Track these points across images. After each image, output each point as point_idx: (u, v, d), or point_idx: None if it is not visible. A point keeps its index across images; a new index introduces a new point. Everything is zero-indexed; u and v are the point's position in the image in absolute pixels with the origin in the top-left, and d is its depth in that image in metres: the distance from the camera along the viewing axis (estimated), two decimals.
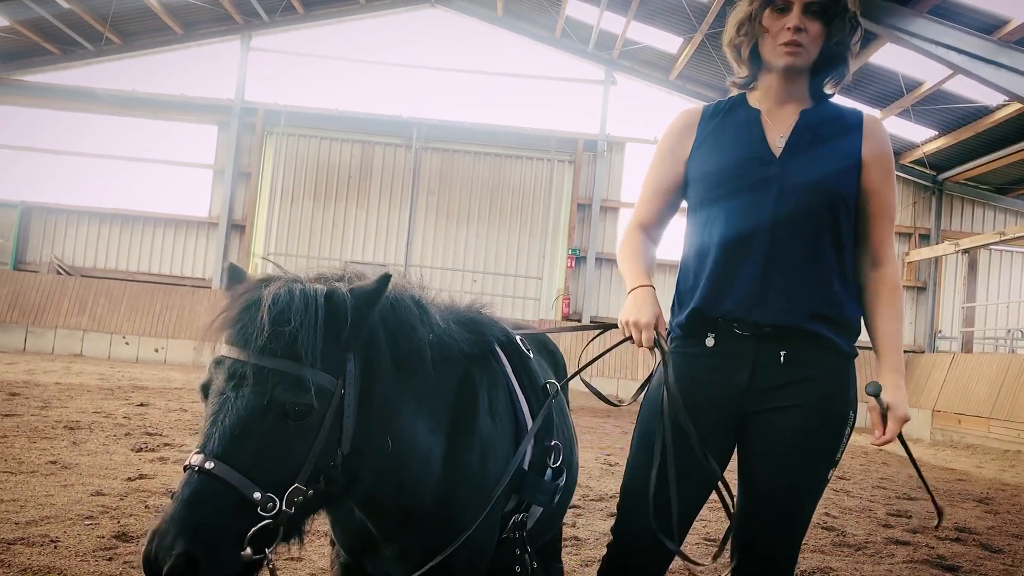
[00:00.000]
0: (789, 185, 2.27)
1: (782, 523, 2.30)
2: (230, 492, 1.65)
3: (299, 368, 1.74)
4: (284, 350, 1.74)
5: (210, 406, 1.74)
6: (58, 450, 6.82)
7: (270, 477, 1.70)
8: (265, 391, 1.71)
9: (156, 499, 5.41)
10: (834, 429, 2.30)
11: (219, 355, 1.80)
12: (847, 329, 2.31)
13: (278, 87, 22.07)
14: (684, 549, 2.28)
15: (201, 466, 1.65)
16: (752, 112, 2.42)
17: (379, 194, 21.85)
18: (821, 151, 2.31)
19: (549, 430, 2.46)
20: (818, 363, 2.28)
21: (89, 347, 19.64)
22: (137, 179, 21.98)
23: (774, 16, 2.31)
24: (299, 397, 1.73)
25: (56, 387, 11.52)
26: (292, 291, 1.81)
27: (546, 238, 21.83)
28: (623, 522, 2.44)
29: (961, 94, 17.24)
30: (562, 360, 3.24)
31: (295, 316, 1.76)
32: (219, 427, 1.69)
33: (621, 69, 22.00)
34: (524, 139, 21.83)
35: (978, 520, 7.28)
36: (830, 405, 2.28)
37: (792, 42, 2.27)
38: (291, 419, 1.73)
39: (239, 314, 1.80)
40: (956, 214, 21.97)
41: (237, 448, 1.67)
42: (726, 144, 2.39)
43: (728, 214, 2.31)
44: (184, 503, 1.62)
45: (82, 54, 21.56)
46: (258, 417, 1.71)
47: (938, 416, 17.55)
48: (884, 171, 2.32)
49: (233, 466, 1.66)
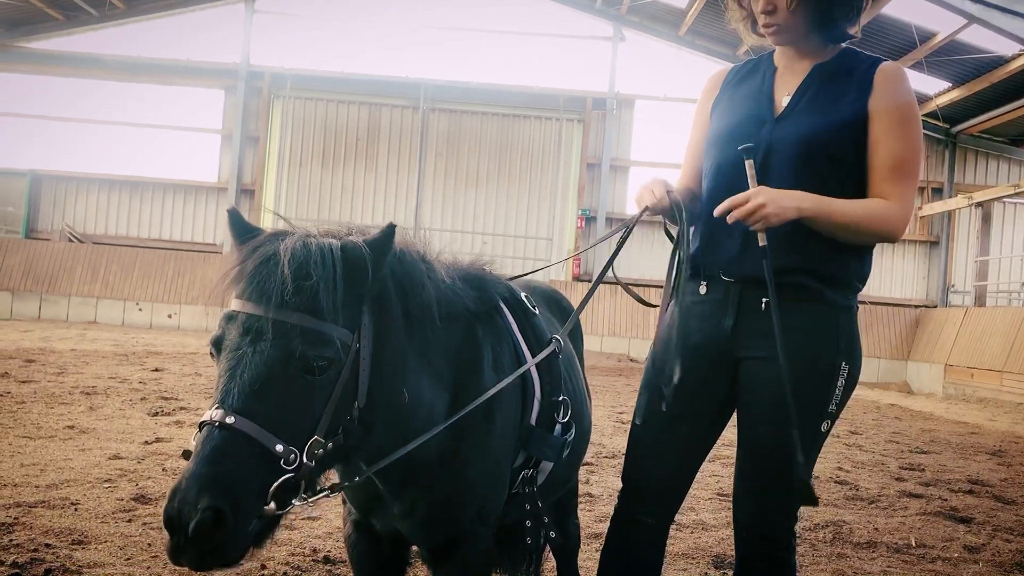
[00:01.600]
0: (776, 141, 2.27)
1: (773, 475, 2.28)
2: (252, 445, 1.63)
3: (319, 323, 1.73)
4: (304, 304, 1.73)
5: (225, 361, 1.72)
6: (75, 415, 6.90)
7: (290, 431, 1.69)
8: (286, 346, 1.69)
9: (173, 462, 5.47)
10: (821, 379, 2.26)
11: (232, 310, 1.77)
12: (836, 280, 2.28)
13: (284, 50, 21.94)
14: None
15: (221, 421, 1.63)
16: (770, 69, 2.44)
17: (387, 157, 21.77)
18: (818, 107, 2.28)
19: (556, 384, 2.45)
20: (801, 312, 2.25)
21: (103, 314, 19.77)
22: (145, 145, 21.97)
23: None
24: (320, 351, 1.72)
25: (72, 353, 11.62)
26: (308, 245, 1.79)
27: (555, 199, 21.74)
28: (630, 471, 2.50)
29: (976, 44, 16.95)
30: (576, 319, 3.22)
31: (315, 270, 1.75)
32: (237, 382, 1.67)
33: (630, 25, 21.71)
34: (532, 98, 21.65)
35: (991, 472, 7.29)
36: (815, 355, 2.25)
37: (767, 24, 2.29)
38: (312, 374, 1.72)
39: (256, 268, 1.77)
40: (970, 167, 21.74)
41: (257, 402, 1.66)
42: (736, 104, 2.43)
43: (718, 170, 2.36)
44: (205, 458, 1.60)
45: (86, 20, 21.42)
46: (278, 372, 1.69)
47: (951, 370, 17.53)
48: (890, 121, 2.23)
49: (254, 420, 1.64)
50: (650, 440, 2.44)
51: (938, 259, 21.59)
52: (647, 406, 2.44)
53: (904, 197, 2.24)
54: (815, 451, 2.34)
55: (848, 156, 2.25)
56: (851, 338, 2.32)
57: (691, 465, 2.46)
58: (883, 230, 2.22)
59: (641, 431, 2.47)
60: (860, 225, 2.19)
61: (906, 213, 2.24)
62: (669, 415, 2.38)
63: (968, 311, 18.26)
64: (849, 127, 2.24)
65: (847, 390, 2.31)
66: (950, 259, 21.48)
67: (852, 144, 2.25)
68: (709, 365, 2.37)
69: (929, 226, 21.69)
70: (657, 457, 2.43)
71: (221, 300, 1.83)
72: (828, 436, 2.36)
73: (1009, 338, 15.88)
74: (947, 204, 20.47)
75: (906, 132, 2.24)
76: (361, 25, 22.16)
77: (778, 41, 2.33)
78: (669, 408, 2.35)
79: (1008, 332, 16.03)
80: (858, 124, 2.25)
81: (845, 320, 2.31)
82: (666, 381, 2.32)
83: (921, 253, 21.80)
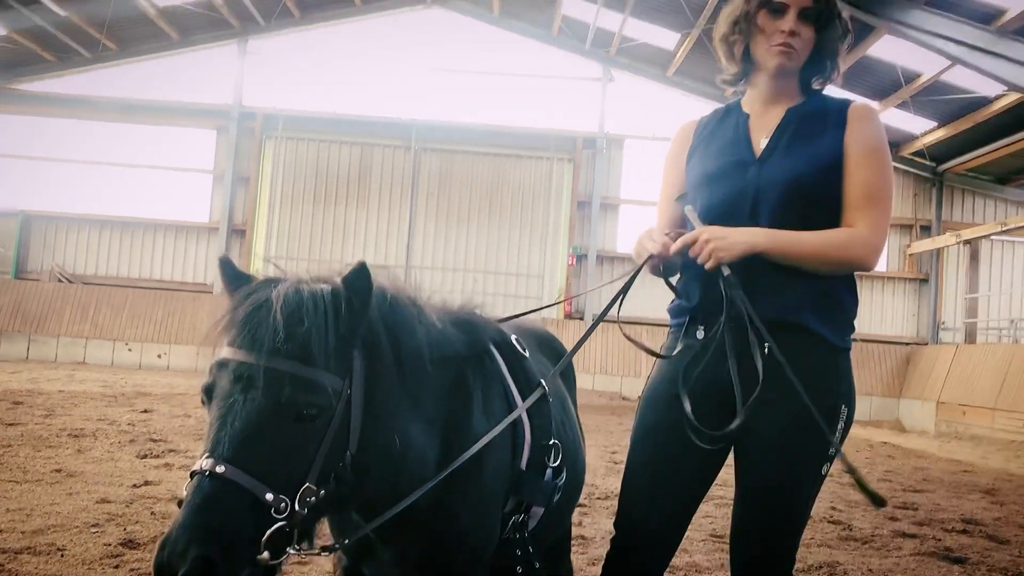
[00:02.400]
0: (764, 184, 2.31)
1: (774, 518, 2.28)
2: (243, 494, 1.63)
3: (312, 370, 1.73)
4: (295, 351, 1.73)
5: (216, 410, 1.72)
6: (63, 458, 6.83)
7: (281, 479, 1.68)
8: (277, 393, 1.69)
9: (162, 505, 5.40)
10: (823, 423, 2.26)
11: (223, 357, 1.77)
12: (835, 321, 2.30)
13: (276, 91, 22.11)
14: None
15: (211, 470, 1.62)
16: (742, 116, 2.48)
17: (379, 196, 21.86)
18: (798, 148, 2.33)
19: (547, 428, 2.43)
20: (803, 355, 2.25)
21: (92, 355, 19.65)
22: (137, 185, 22.02)
23: (769, 17, 2.36)
24: (312, 398, 1.72)
25: (60, 395, 11.53)
26: (300, 291, 1.80)
27: (547, 237, 21.83)
28: (624, 516, 2.46)
29: (959, 85, 17.22)
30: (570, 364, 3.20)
31: (307, 316, 1.75)
32: (228, 430, 1.66)
33: (619, 66, 21.99)
34: (523, 138, 21.84)
35: (984, 511, 7.27)
36: (817, 398, 2.22)
37: (785, 44, 2.33)
38: (303, 421, 1.72)
39: (248, 316, 1.77)
40: (957, 205, 21.95)
41: (248, 451, 1.65)
42: (714, 150, 2.47)
43: (710, 216, 2.37)
44: (196, 508, 1.59)
45: (79, 61, 21.58)
46: (269, 420, 1.69)
47: (943, 408, 17.53)
48: (862, 153, 2.30)
49: (244, 469, 1.63)
50: (644, 485, 2.42)
51: (928, 296, 21.69)
52: (640, 450, 2.43)
53: (872, 223, 2.27)
54: (815, 493, 2.34)
55: (831, 193, 2.30)
56: (849, 381, 2.34)
57: (686, 510, 2.43)
58: (845, 257, 2.25)
59: (634, 476, 2.45)
60: (818, 255, 2.23)
61: (874, 239, 2.26)
62: (664, 459, 2.36)
63: (959, 348, 18.32)
64: (829, 166, 2.30)
65: (845, 433, 2.32)
66: (939, 296, 21.59)
67: (833, 182, 2.30)
68: (709, 413, 2.33)
69: (918, 263, 21.83)
70: (651, 502, 2.40)
71: (213, 347, 1.82)
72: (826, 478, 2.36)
73: (1000, 375, 15.92)
74: (936, 242, 20.62)
75: (876, 162, 2.31)
76: (353, 66, 22.38)
77: (782, 64, 2.36)
78: (666, 451, 2.35)
79: (999, 369, 16.06)
80: (836, 162, 2.31)
81: (844, 363, 2.33)
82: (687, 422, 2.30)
83: (911, 290, 21.91)
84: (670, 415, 2.36)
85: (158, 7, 19.72)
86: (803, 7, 2.33)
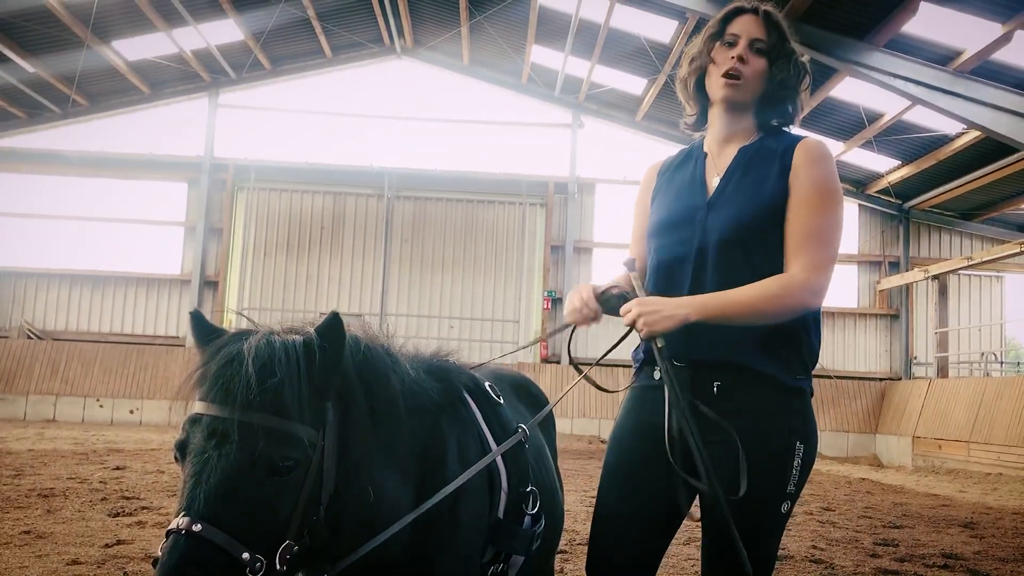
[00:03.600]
0: (710, 230, 2.33)
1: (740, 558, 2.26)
2: (219, 555, 1.60)
3: (286, 422, 1.72)
4: (269, 404, 1.71)
5: (190, 466, 1.69)
6: (32, 519, 6.67)
7: (258, 535, 1.66)
8: (251, 447, 1.67)
9: (135, 565, 5.29)
10: (775, 462, 2.25)
11: (196, 412, 1.75)
12: (783, 359, 2.30)
13: (247, 142, 22.13)
14: None
15: (188, 528, 1.59)
16: (701, 156, 2.52)
17: (352, 244, 21.84)
18: (743, 191, 2.34)
19: (524, 475, 2.42)
20: (750, 395, 2.26)
21: (62, 411, 19.30)
22: (108, 239, 21.85)
23: (722, 49, 2.42)
24: (287, 451, 1.70)
25: (29, 454, 11.30)
26: (272, 343, 1.78)
27: (521, 281, 21.88)
28: (594, 560, 2.45)
29: (921, 124, 17.60)
30: (545, 401, 3.19)
31: (279, 368, 1.74)
32: (203, 487, 1.64)
33: (588, 112, 22.28)
34: (495, 184, 21.98)
35: (964, 545, 7.28)
36: (767, 438, 2.25)
37: (732, 71, 2.36)
38: (278, 475, 1.69)
39: (220, 370, 1.75)
40: (924, 241, 22.30)
41: (223, 508, 1.63)
42: (673, 193, 2.50)
43: (660, 260, 2.43)
44: (171, 568, 1.56)
45: (49, 117, 21.53)
46: (244, 475, 1.66)
47: (918, 442, 17.63)
48: (806, 195, 2.28)
49: (220, 527, 1.61)
50: (612, 528, 2.40)
51: (899, 332, 21.92)
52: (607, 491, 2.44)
53: (809, 264, 2.24)
54: (778, 532, 2.33)
55: (775, 236, 2.30)
56: (804, 417, 2.32)
57: (655, 548, 2.41)
58: (780, 307, 2.21)
59: (603, 519, 2.44)
60: (753, 311, 2.20)
61: (812, 280, 2.23)
62: (631, 500, 2.36)
63: (931, 383, 18.48)
64: (772, 208, 2.30)
65: (804, 470, 2.30)
66: (911, 331, 21.82)
67: (777, 224, 2.31)
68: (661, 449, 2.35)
69: (888, 299, 22.08)
70: (620, 542, 2.38)
71: (185, 402, 1.80)
72: (790, 516, 2.35)
73: (973, 408, 16.06)
74: (904, 277, 20.90)
75: (821, 203, 2.29)
76: (324, 116, 22.49)
77: (728, 95, 2.39)
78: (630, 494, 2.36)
79: (972, 402, 16.21)
80: (780, 203, 2.31)
81: (798, 401, 2.32)
82: None
83: (883, 326, 22.12)
84: (635, 455, 2.39)
85: (128, 61, 19.76)
86: (754, 38, 2.38)
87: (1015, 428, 14.71)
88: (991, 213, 21.34)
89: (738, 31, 2.41)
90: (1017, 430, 14.65)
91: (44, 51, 18.38)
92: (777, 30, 2.41)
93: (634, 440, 2.41)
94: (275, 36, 20.08)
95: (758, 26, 2.41)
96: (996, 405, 15.45)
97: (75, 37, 17.78)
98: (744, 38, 2.39)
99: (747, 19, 2.43)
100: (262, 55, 20.99)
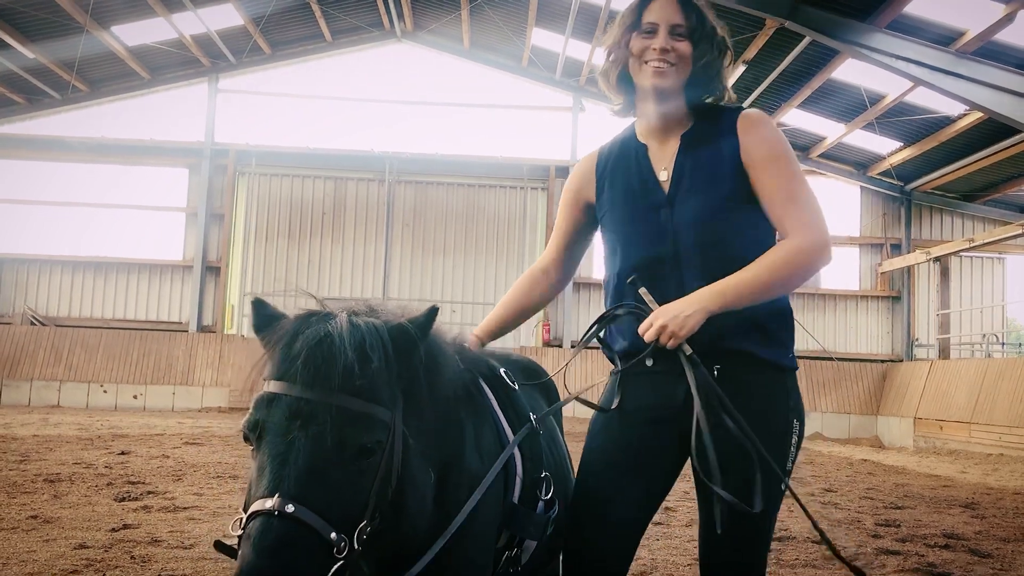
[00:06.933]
0: (681, 224, 2.31)
1: (738, 539, 2.27)
2: (311, 534, 1.60)
3: (372, 405, 1.73)
4: (360, 387, 1.72)
5: (271, 447, 1.68)
6: (38, 504, 6.72)
7: (341, 516, 1.67)
8: (341, 429, 1.68)
9: (141, 549, 5.33)
10: (777, 440, 2.28)
11: (275, 392, 1.74)
12: (779, 343, 2.33)
13: (248, 127, 22.10)
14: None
15: (281, 509, 1.59)
16: (640, 148, 2.47)
17: (354, 229, 21.85)
18: (701, 180, 2.33)
19: (538, 462, 2.43)
20: (749, 377, 2.28)
21: (66, 397, 19.39)
22: (109, 225, 21.88)
23: (641, 38, 2.35)
24: (373, 434, 1.72)
25: (34, 440, 11.36)
26: (359, 326, 1.79)
27: (522, 265, 21.87)
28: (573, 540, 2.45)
29: (923, 105, 17.54)
30: (554, 387, 3.21)
31: (372, 352, 1.75)
32: (290, 468, 1.64)
33: (589, 95, 22.21)
34: (496, 168, 21.96)
35: (965, 525, 7.32)
36: (767, 419, 2.27)
37: (659, 61, 2.31)
38: (365, 457, 1.71)
39: (310, 350, 1.74)
40: (925, 223, 22.27)
41: (313, 489, 1.63)
42: (621, 193, 2.45)
43: (634, 264, 2.37)
44: (267, 550, 1.56)
45: (50, 103, 21.49)
46: (332, 456, 1.67)
47: (920, 423, 17.68)
48: (764, 163, 2.28)
49: (311, 507, 1.61)
50: (592, 511, 2.41)
51: (901, 314, 21.93)
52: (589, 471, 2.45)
53: (803, 223, 2.25)
54: (775, 510, 2.35)
55: (744, 211, 2.30)
56: (797, 397, 2.37)
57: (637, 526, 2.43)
58: (798, 272, 2.22)
59: (583, 500, 2.45)
60: (775, 283, 2.20)
61: (813, 236, 2.23)
62: (615, 479, 2.37)
63: (933, 364, 18.51)
64: (734, 188, 2.30)
65: (798, 447, 2.35)
66: (912, 313, 21.83)
67: (744, 200, 2.30)
68: (655, 430, 2.37)
69: (890, 281, 22.08)
70: (599, 524, 2.38)
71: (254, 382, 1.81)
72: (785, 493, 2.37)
73: (975, 390, 16.10)
74: (906, 259, 20.90)
75: (784, 166, 2.29)
76: (325, 101, 22.44)
77: (656, 84, 2.33)
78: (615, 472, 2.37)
79: (973, 384, 16.25)
80: (741, 181, 2.30)
81: (791, 381, 2.36)
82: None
83: (884, 308, 22.14)
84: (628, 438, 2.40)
85: (128, 47, 19.71)
86: (673, 24, 2.32)
87: (1016, 409, 14.75)
88: (993, 195, 21.31)
89: (655, 19, 2.33)
90: (1018, 411, 14.69)
91: (43, 37, 18.33)
92: (695, 11, 2.35)
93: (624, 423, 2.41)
94: (275, 20, 20.00)
95: (675, 10, 2.34)
96: (997, 386, 15.49)
97: (74, 23, 17.72)
98: (663, 26, 2.32)
99: (662, 3, 2.35)
100: (262, 39, 20.92)
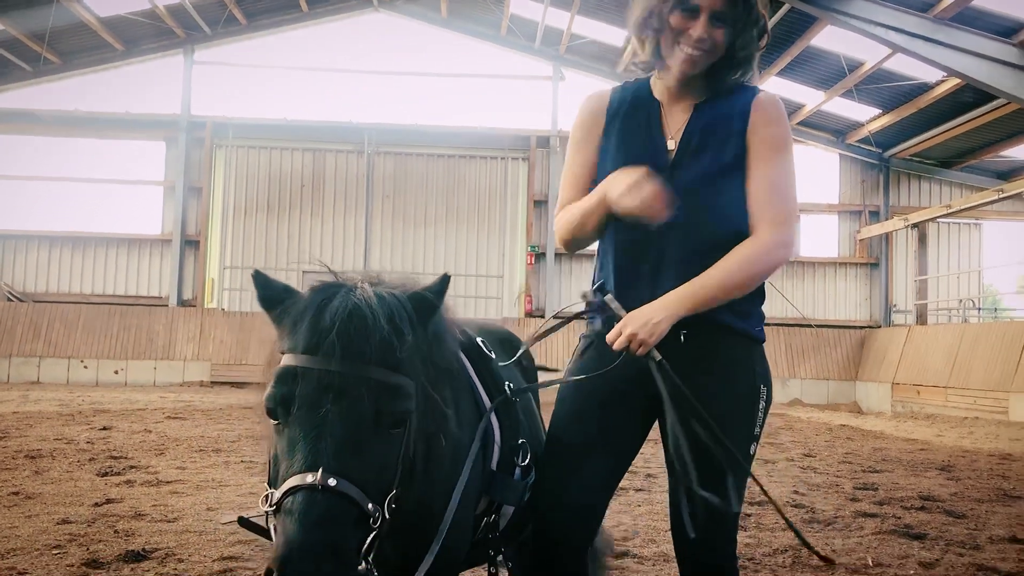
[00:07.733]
0: (676, 191, 2.27)
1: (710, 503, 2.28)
2: (353, 507, 1.62)
3: (399, 375, 1.74)
4: (386, 358, 1.73)
5: (305, 420, 1.67)
6: (20, 480, 6.70)
7: (376, 487, 1.69)
8: (373, 400, 1.68)
9: (124, 523, 5.33)
10: (745, 406, 2.31)
11: (304, 366, 1.71)
12: (751, 316, 2.36)
13: (225, 99, 21.90)
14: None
15: (324, 484, 1.59)
16: (654, 106, 2.45)
17: (333, 201, 21.73)
18: (706, 154, 2.32)
19: (515, 429, 2.45)
20: (716, 341, 2.31)
21: (46, 373, 19.26)
22: (86, 200, 21.69)
23: (681, 17, 2.28)
24: (403, 404, 1.73)
25: (14, 416, 11.30)
26: (383, 296, 1.79)
27: (504, 236, 21.87)
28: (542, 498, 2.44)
29: (902, 72, 17.59)
30: (529, 356, 3.22)
31: (401, 323, 1.77)
32: (327, 442, 1.64)
33: (569, 64, 22.10)
34: (477, 138, 21.85)
35: (941, 488, 7.45)
36: (735, 384, 2.30)
37: (693, 50, 2.27)
38: (395, 427, 1.73)
39: (343, 323, 1.72)
40: (904, 189, 22.41)
41: (350, 461, 1.64)
42: (628, 146, 2.42)
43: (625, 225, 2.33)
44: (313, 524, 1.56)
45: (20, 75, 21.15)
46: (367, 428, 1.68)
47: (897, 388, 17.91)
48: (763, 149, 2.29)
49: (350, 480, 1.62)
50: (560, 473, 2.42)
51: (879, 280, 22.12)
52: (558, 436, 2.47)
53: (773, 221, 2.26)
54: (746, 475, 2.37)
55: (738, 193, 2.31)
56: (765, 365, 2.40)
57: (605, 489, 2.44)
58: (762, 270, 2.24)
59: (552, 463, 2.46)
60: (741, 282, 2.22)
61: (780, 236, 2.25)
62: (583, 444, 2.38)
63: (911, 330, 18.73)
64: (736, 166, 2.31)
65: (765, 411, 2.37)
66: (890, 279, 22.03)
67: (737, 176, 2.31)
68: (623, 393, 2.38)
69: (868, 248, 22.24)
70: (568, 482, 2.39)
71: (276, 357, 1.79)
72: (754, 457, 2.40)
73: (951, 354, 16.30)
74: (884, 226, 21.05)
75: (780, 159, 2.31)
76: (302, 72, 22.21)
77: (684, 72, 2.31)
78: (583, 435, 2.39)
79: (950, 349, 16.45)
80: (741, 159, 2.31)
81: (759, 351, 2.39)
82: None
83: (863, 275, 22.32)
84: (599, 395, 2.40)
85: (100, 18, 19.38)
86: (715, 9, 2.25)
87: (991, 373, 14.96)
88: (970, 161, 21.46)
89: (700, 1, 2.25)
90: (993, 375, 14.91)
91: (12, 7, 17.99)
92: None
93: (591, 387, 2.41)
94: None
95: None
96: (973, 351, 15.69)
97: None
98: (706, 12, 2.25)
99: None
100: (237, 9, 20.62)
